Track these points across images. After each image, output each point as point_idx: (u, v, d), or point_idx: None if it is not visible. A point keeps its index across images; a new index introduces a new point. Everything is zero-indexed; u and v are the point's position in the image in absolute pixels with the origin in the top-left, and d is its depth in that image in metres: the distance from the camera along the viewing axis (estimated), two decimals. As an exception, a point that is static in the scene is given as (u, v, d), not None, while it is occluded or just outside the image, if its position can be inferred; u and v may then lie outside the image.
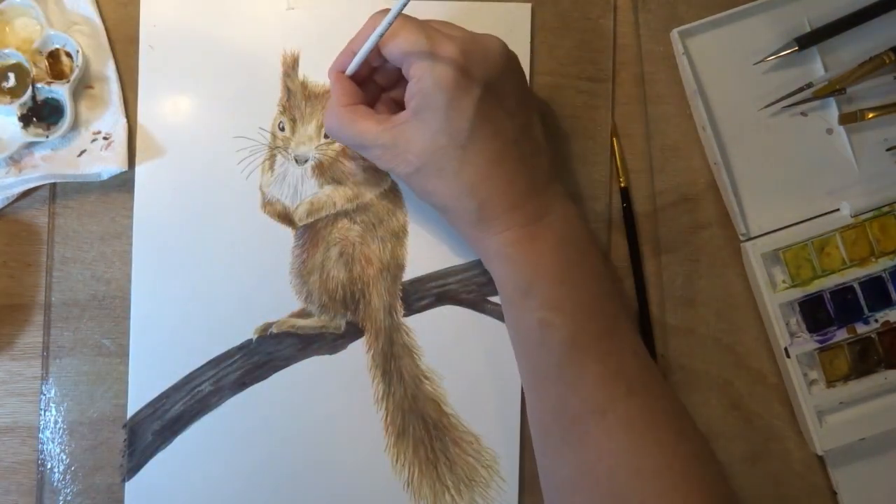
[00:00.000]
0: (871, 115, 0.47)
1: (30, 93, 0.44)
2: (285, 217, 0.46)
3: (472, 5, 0.47)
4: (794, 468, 0.48)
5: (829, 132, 0.48)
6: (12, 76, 0.44)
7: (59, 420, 0.45)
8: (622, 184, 0.48)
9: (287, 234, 0.46)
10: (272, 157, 0.46)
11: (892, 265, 0.47)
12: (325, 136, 0.47)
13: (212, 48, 0.46)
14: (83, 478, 0.45)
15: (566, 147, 0.48)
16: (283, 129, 0.46)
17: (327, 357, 0.46)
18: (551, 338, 0.40)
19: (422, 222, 0.47)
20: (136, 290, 0.45)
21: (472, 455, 0.46)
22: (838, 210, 0.47)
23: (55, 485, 0.45)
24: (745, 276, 0.48)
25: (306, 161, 0.46)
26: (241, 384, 0.46)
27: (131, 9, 0.46)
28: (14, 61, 0.44)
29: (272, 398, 0.46)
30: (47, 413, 0.45)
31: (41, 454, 0.45)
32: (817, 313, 0.47)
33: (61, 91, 0.44)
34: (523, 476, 0.46)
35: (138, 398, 0.45)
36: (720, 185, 0.48)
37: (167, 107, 0.46)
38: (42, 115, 0.44)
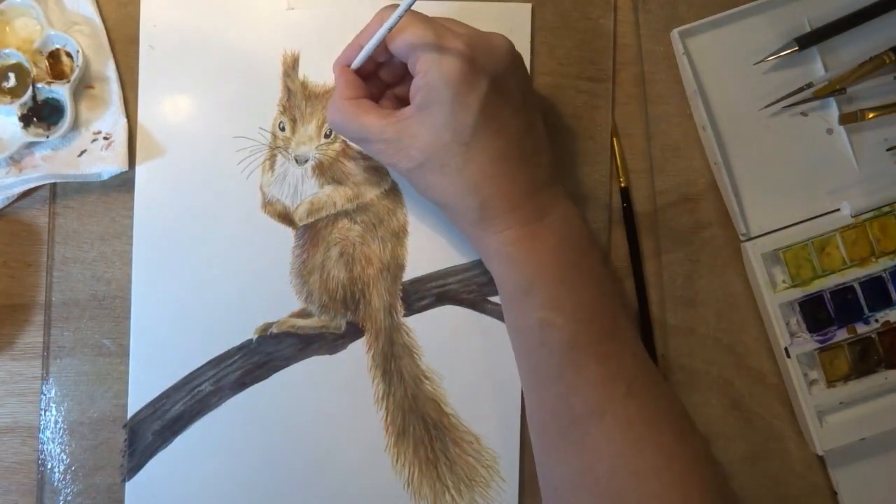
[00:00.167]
0: (871, 115, 0.47)
1: (30, 93, 0.44)
2: (285, 217, 0.46)
3: (473, 5, 0.47)
4: (794, 468, 0.48)
5: (830, 132, 0.48)
6: (12, 76, 0.44)
7: (60, 420, 0.45)
8: (622, 184, 0.48)
9: (287, 234, 0.46)
10: (272, 157, 0.46)
11: (892, 265, 0.47)
12: (326, 136, 0.47)
13: (212, 48, 0.46)
14: (83, 478, 0.45)
15: (566, 147, 0.48)
16: (283, 129, 0.46)
17: (327, 357, 0.46)
18: (551, 338, 0.39)
19: (422, 222, 0.47)
20: (136, 290, 0.45)
21: (472, 455, 0.46)
22: (838, 210, 0.47)
23: (55, 485, 0.45)
24: (746, 276, 0.48)
25: (306, 161, 0.46)
26: (241, 384, 0.46)
27: (131, 9, 0.46)
28: (14, 61, 0.44)
29: (272, 398, 0.46)
30: (47, 413, 0.45)
31: (41, 454, 0.45)
32: (817, 313, 0.47)
33: (61, 91, 0.44)
34: (523, 476, 0.46)
35: (138, 398, 0.45)
36: (720, 185, 0.48)
37: (167, 107, 0.46)
38: (42, 115, 0.45)
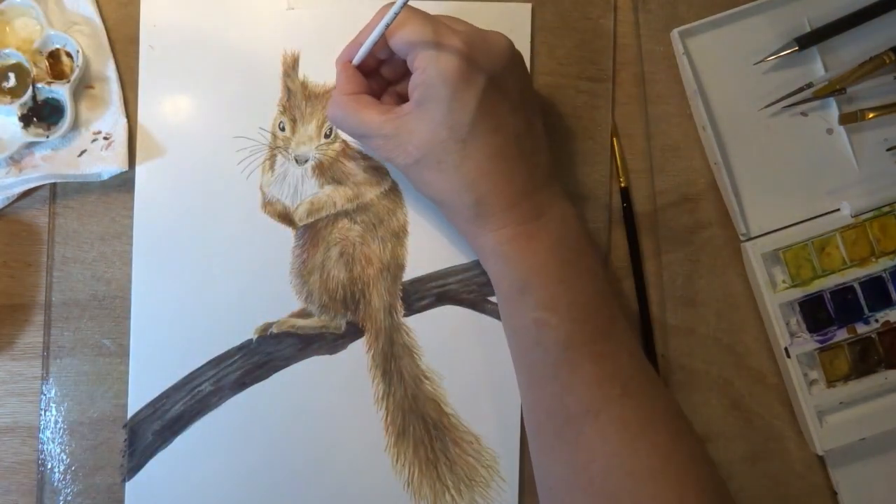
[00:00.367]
0: (871, 115, 0.47)
1: (30, 93, 0.44)
2: (285, 217, 0.46)
3: (473, 5, 0.47)
4: (794, 468, 0.48)
5: (830, 132, 0.48)
6: (12, 76, 0.44)
7: (60, 420, 0.45)
8: (622, 184, 0.48)
9: (287, 234, 0.46)
10: (272, 157, 0.46)
11: (892, 265, 0.47)
12: (326, 136, 0.47)
13: (212, 48, 0.46)
14: (83, 478, 0.45)
15: (566, 147, 0.48)
16: (283, 129, 0.46)
17: (327, 357, 0.46)
18: (546, 338, 0.39)
19: (422, 222, 0.47)
20: (136, 290, 0.45)
21: (472, 455, 0.46)
22: (838, 210, 0.47)
23: (55, 485, 0.45)
24: (745, 276, 0.48)
25: (306, 161, 0.46)
26: (241, 384, 0.46)
27: (131, 9, 0.46)
28: (14, 61, 0.44)
29: (272, 398, 0.46)
30: (47, 413, 0.45)
31: (41, 454, 0.45)
32: (817, 313, 0.47)
33: (62, 91, 0.44)
34: (523, 476, 0.46)
35: (138, 398, 0.45)
36: (720, 185, 0.48)
37: (167, 107, 0.46)
38: (42, 115, 0.44)
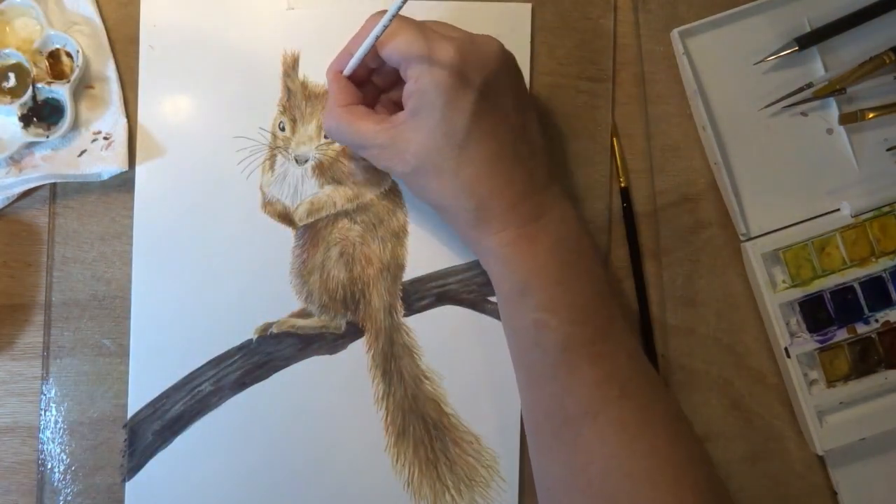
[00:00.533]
0: (871, 115, 0.47)
1: (30, 93, 0.44)
2: (285, 217, 0.46)
3: (472, 5, 0.47)
4: (794, 468, 0.48)
5: (830, 132, 0.48)
6: (12, 76, 0.44)
7: (60, 420, 0.45)
8: (622, 184, 0.48)
9: (287, 234, 0.46)
10: (272, 157, 0.46)
11: (892, 265, 0.47)
12: (326, 136, 0.47)
13: (212, 48, 0.46)
14: (83, 478, 0.45)
15: (566, 147, 0.48)
16: (283, 129, 0.46)
17: (327, 357, 0.46)
18: (546, 339, 0.39)
19: (422, 222, 0.47)
20: (136, 290, 0.45)
21: (472, 455, 0.46)
22: (838, 210, 0.47)
23: (55, 485, 0.45)
24: (745, 276, 0.48)
25: (306, 161, 0.46)
26: (241, 384, 0.46)
27: (131, 9, 0.46)
28: (14, 61, 0.44)
29: (272, 398, 0.46)
30: (47, 413, 0.45)
31: (41, 454, 0.45)
32: (817, 313, 0.47)
33: (61, 91, 0.44)
34: (523, 476, 0.46)
35: (138, 398, 0.45)
36: (720, 185, 0.48)
37: (167, 107, 0.46)
38: (42, 115, 0.44)
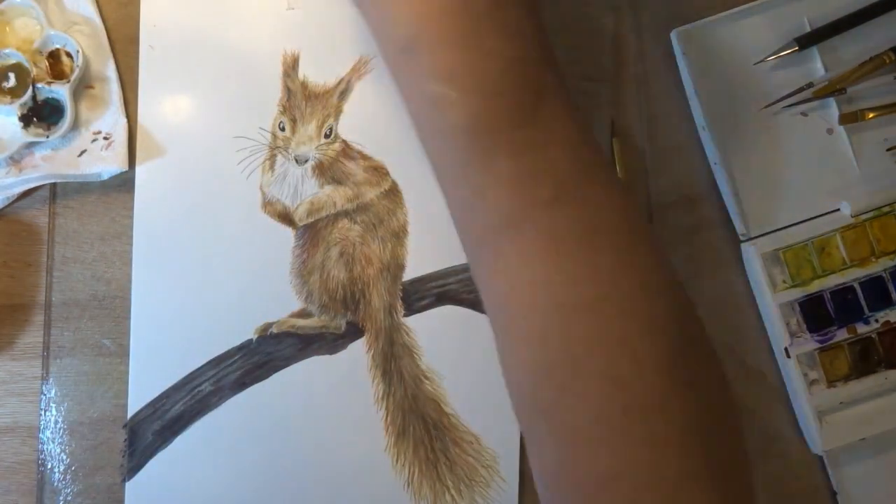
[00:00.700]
0: (871, 115, 0.47)
1: (30, 93, 0.44)
2: (285, 217, 0.46)
3: (473, 5, 0.47)
4: (794, 468, 0.48)
5: (830, 132, 0.48)
6: (12, 76, 0.44)
7: (60, 420, 0.45)
8: (622, 184, 0.48)
9: (287, 234, 0.46)
10: (272, 157, 0.46)
11: (892, 265, 0.47)
12: (326, 136, 0.47)
13: (212, 48, 0.46)
14: (83, 478, 0.45)
15: (566, 147, 0.48)
16: (283, 129, 0.46)
17: (327, 357, 0.46)
18: (446, 120, 0.30)
19: (422, 222, 0.47)
20: (136, 290, 0.45)
21: (472, 455, 0.46)
22: (838, 210, 0.47)
23: (55, 485, 0.45)
24: (745, 276, 0.48)
25: (306, 161, 0.46)
26: (241, 384, 0.46)
27: (131, 9, 0.46)
28: (14, 61, 0.44)
29: (272, 398, 0.46)
30: (47, 413, 0.45)
31: (41, 454, 0.45)
32: (817, 313, 0.47)
33: (62, 91, 0.44)
34: (523, 476, 0.46)
35: (138, 398, 0.45)
36: (720, 185, 0.48)
37: (167, 107, 0.46)
38: (42, 115, 0.44)
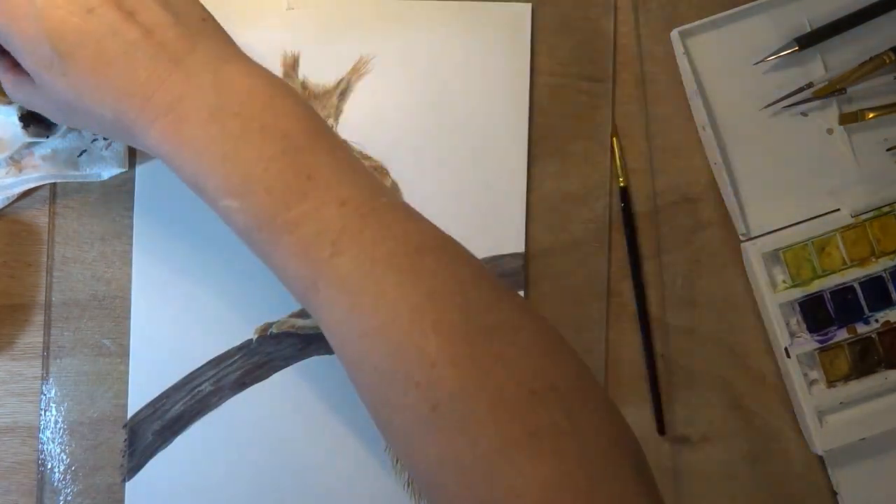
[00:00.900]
0: (871, 115, 0.47)
1: (30, 93, 0.44)
2: (285, 217, 0.46)
3: (472, 5, 0.47)
4: (794, 468, 0.48)
5: (830, 132, 0.48)
6: (12, 76, 0.44)
7: (60, 420, 0.45)
8: (622, 184, 0.48)
9: (287, 234, 0.46)
10: (272, 157, 0.46)
11: (892, 265, 0.47)
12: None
13: (212, 48, 0.46)
14: (83, 478, 0.45)
15: (566, 147, 0.48)
16: (283, 129, 0.46)
17: (327, 357, 0.46)
18: (238, 225, 0.35)
19: (422, 222, 0.47)
20: (136, 290, 0.45)
21: (472, 455, 0.46)
22: (838, 210, 0.47)
23: (55, 485, 0.45)
24: (745, 276, 0.48)
25: (306, 161, 0.46)
26: (241, 384, 0.46)
27: (131, 9, 0.46)
28: (14, 61, 0.44)
29: (272, 398, 0.46)
30: (47, 413, 0.45)
31: (41, 454, 0.45)
32: (817, 313, 0.47)
33: (61, 91, 0.44)
34: (523, 476, 0.46)
35: (138, 398, 0.45)
36: (720, 185, 0.48)
37: (167, 107, 0.46)
38: (42, 115, 0.44)
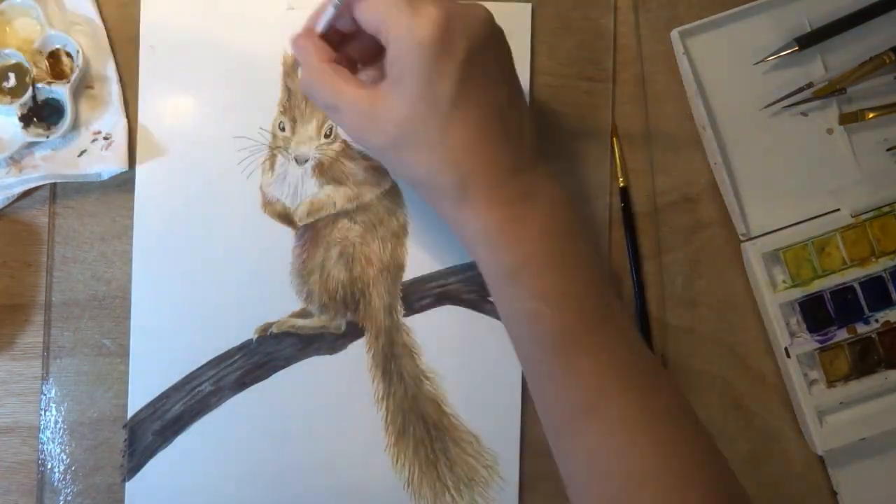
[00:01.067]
0: (871, 115, 0.47)
1: (30, 93, 0.44)
2: (285, 217, 0.46)
3: (473, 5, 0.47)
4: (794, 468, 0.48)
5: (830, 132, 0.48)
6: (12, 76, 0.44)
7: (60, 420, 0.45)
8: (622, 184, 0.48)
9: (287, 234, 0.46)
10: (272, 157, 0.46)
11: (892, 265, 0.47)
12: (326, 136, 0.47)
13: (212, 48, 0.46)
14: (83, 478, 0.45)
15: (566, 147, 0.48)
16: (283, 129, 0.46)
17: (327, 357, 0.46)
18: (540, 330, 0.37)
19: (422, 222, 0.47)
20: (136, 290, 0.45)
21: (472, 455, 0.46)
22: (838, 210, 0.47)
23: (55, 485, 0.45)
24: (745, 276, 0.48)
25: (307, 161, 0.46)
26: (241, 384, 0.46)
27: (131, 9, 0.46)
28: (14, 61, 0.44)
29: (272, 398, 0.46)
30: (47, 413, 0.45)
31: (41, 454, 0.45)
32: (817, 313, 0.47)
33: (62, 91, 0.44)
34: (523, 476, 0.46)
35: (138, 398, 0.45)
36: (720, 185, 0.48)
37: (167, 107, 0.46)
38: (42, 115, 0.44)
